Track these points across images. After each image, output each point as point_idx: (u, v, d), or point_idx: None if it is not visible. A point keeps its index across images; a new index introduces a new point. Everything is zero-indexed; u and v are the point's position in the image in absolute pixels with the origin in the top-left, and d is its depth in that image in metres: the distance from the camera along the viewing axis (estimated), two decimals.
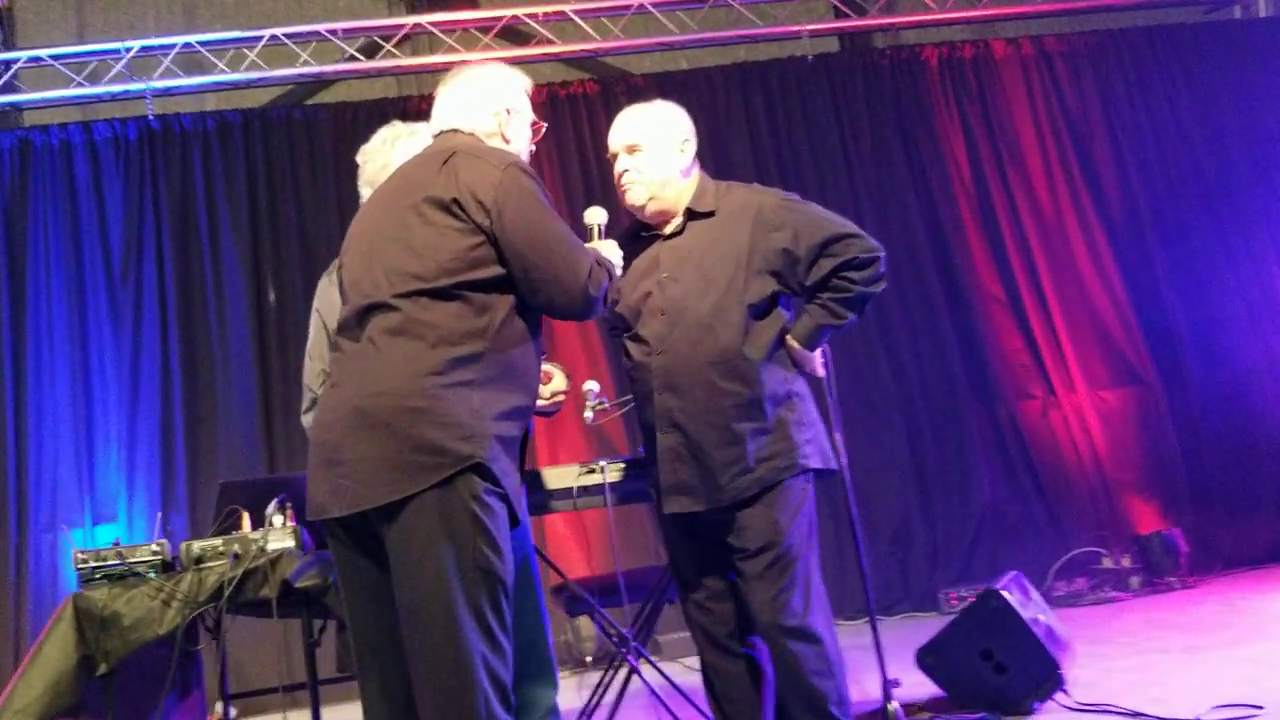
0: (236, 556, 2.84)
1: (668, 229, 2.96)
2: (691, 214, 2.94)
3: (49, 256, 6.35)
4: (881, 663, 3.51)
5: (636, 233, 3.05)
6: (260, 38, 6.69)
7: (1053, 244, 7.22)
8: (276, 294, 6.49)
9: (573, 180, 7.02)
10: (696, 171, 3.00)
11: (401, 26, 6.86)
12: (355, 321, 2.28)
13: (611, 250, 2.68)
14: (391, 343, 2.23)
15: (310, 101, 7.08)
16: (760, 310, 2.85)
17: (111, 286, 6.36)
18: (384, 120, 6.63)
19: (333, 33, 6.80)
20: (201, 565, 2.90)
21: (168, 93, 6.67)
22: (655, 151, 2.92)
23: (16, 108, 6.64)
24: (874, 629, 3.59)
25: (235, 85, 6.74)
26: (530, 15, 6.99)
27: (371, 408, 2.17)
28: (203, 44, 6.66)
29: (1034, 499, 6.90)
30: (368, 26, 6.95)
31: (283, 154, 6.66)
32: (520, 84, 2.66)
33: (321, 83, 7.11)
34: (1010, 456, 6.99)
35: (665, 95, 6.89)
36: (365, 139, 6.37)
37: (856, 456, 6.63)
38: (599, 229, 2.78)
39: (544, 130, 2.71)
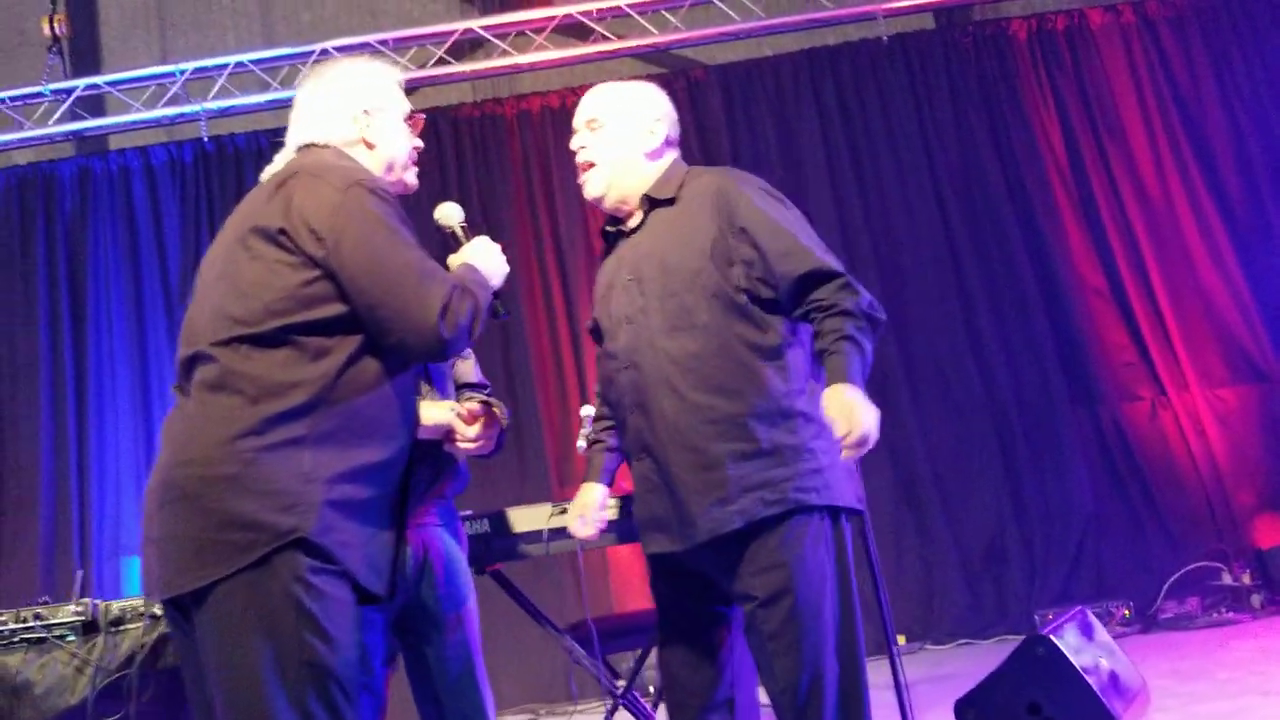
0: (153, 618, 2.64)
1: (631, 223, 2.58)
2: (652, 202, 2.53)
3: (109, 280, 6.40)
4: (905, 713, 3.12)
5: (604, 231, 2.69)
6: (310, 53, 6.60)
7: (1160, 229, 6.58)
8: None
9: None
10: (671, 160, 2.60)
11: (451, 33, 6.68)
12: (181, 374, 2.01)
13: (482, 253, 2.28)
14: (209, 400, 1.93)
15: None
16: (738, 306, 2.41)
17: (170, 309, 6.37)
18: (451, 128, 6.64)
19: (383, 43, 6.66)
20: (119, 628, 2.70)
21: (222, 113, 6.63)
22: (618, 128, 2.53)
23: (78, 135, 6.68)
24: (895, 674, 3.19)
25: (288, 103, 6.64)
26: (584, 13, 6.71)
27: (180, 478, 1.90)
28: (254, 63, 6.60)
29: (1142, 510, 6.30)
30: (419, 35, 6.79)
31: None
32: (382, 76, 2.30)
33: None
34: (1114, 463, 6.39)
35: (729, 86, 6.80)
36: (429, 149, 6.30)
37: (942, 466, 6.35)
38: (461, 230, 2.39)
39: (424, 121, 2.36)
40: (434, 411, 2.47)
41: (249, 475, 1.85)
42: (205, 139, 6.48)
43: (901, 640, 6.15)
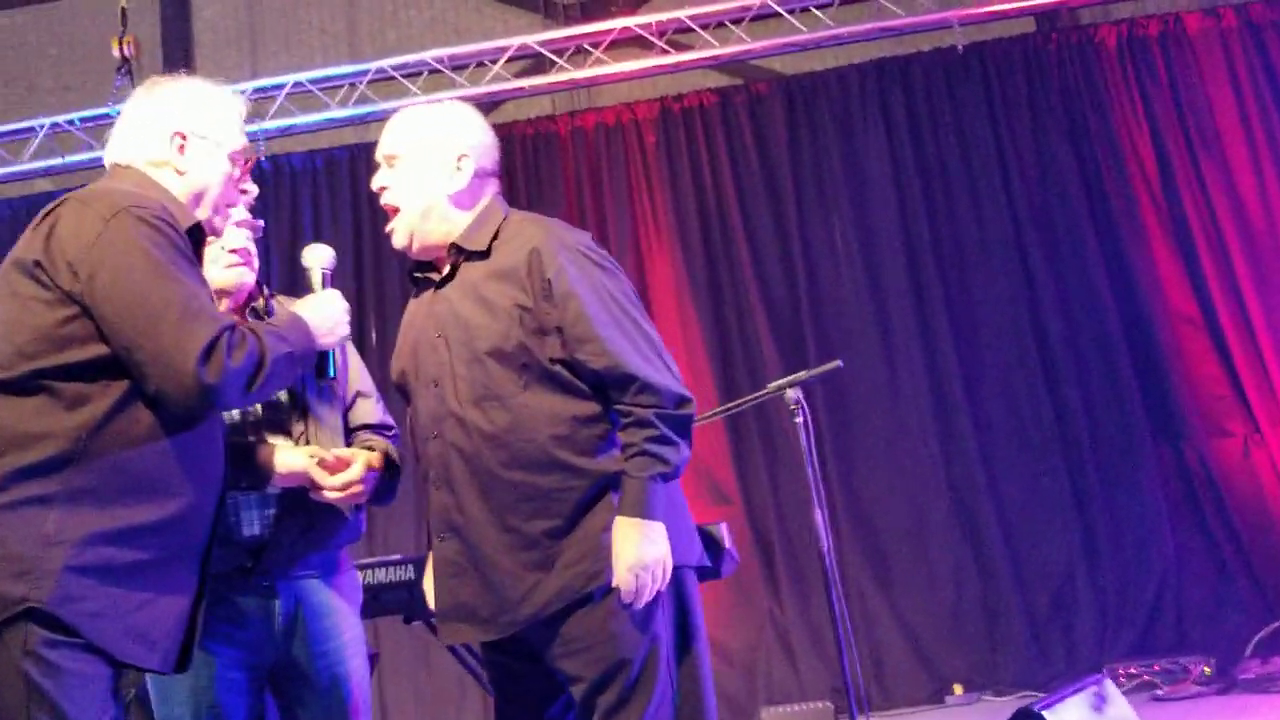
0: None
1: (442, 271, 2.35)
2: (459, 251, 2.30)
3: None
4: None
5: (411, 275, 2.45)
6: (366, 72, 6.60)
7: (1259, 252, 6.05)
8: (378, 334, 6.38)
9: (685, 202, 6.51)
10: (487, 200, 2.35)
11: (506, 49, 6.59)
12: None
13: (319, 306, 2.12)
14: None
15: None
16: (551, 376, 2.20)
17: None
18: (526, 144, 6.55)
19: (440, 61, 6.62)
20: None
21: (283, 133, 6.69)
22: (417, 166, 2.29)
23: None
24: None
25: (345, 123, 6.69)
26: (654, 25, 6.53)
27: None
28: (312, 82, 6.64)
29: (1229, 557, 5.79)
30: (476, 51, 6.71)
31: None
32: (213, 102, 2.11)
33: None
34: (1199, 505, 5.90)
35: (792, 99, 6.54)
36: (596, 167, 6.22)
37: (1007, 502, 5.96)
38: (323, 275, 2.25)
39: (253, 161, 2.19)
40: (289, 458, 2.30)
41: None
42: (263, 159, 6.53)
43: (958, 690, 5.80)
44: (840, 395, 6.15)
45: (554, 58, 6.60)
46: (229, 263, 2.40)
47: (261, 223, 2.50)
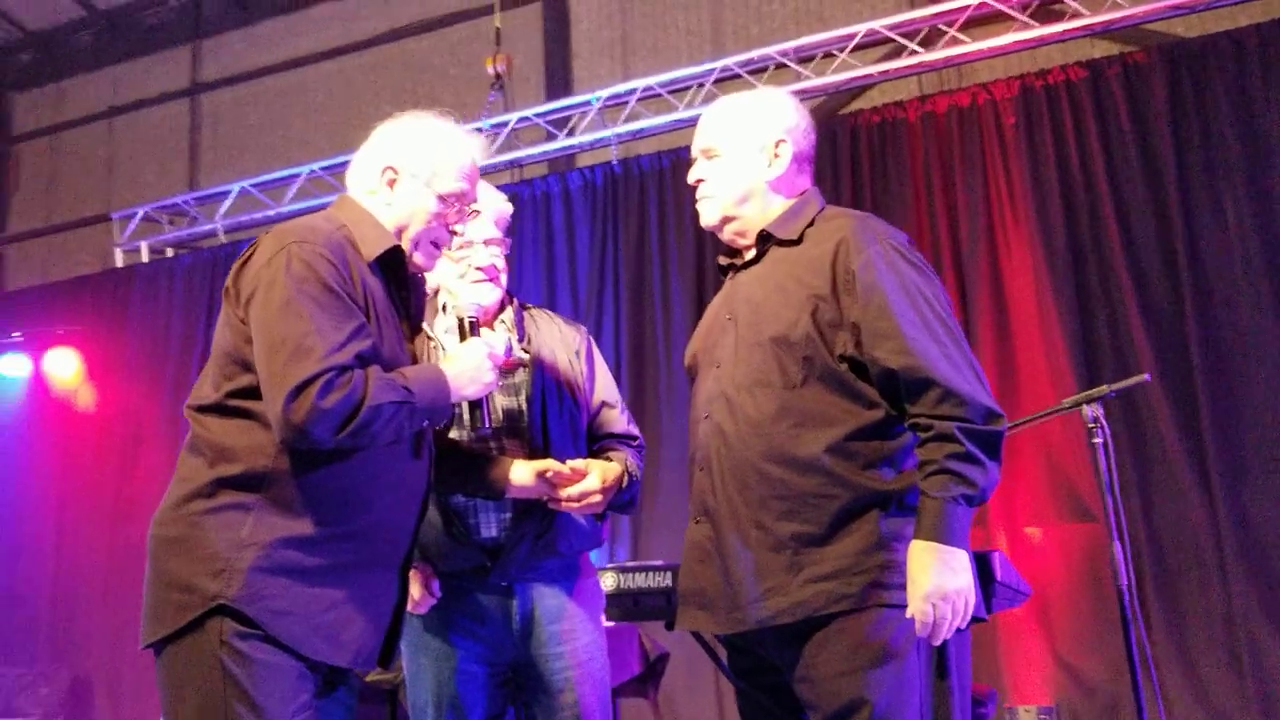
0: None
1: (746, 257, 2.28)
2: (767, 238, 2.23)
3: (531, 295, 6.88)
4: None
5: (718, 263, 2.41)
6: (712, 72, 6.63)
7: None
8: None
9: (1046, 186, 5.96)
10: (806, 190, 2.28)
11: (852, 36, 6.36)
12: None
13: (459, 359, 2.14)
14: (182, 460, 1.99)
15: None
16: (835, 375, 2.06)
17: (577, 318, 6.71)
18: (873, 132, 6.31)
19: (784, 54, 6.51)
20: None
21: (634, 136, 6.86)
22: (734, 156, 2.24)
23: (517, 164, 7.26)
24: None
25: (691, 123, 6.73)
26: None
27: (149, 537, 1.96)
28: (661, 85, 6.76)
29: None
30: (823, 41, 6.55)
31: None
32: (438, 143, 2.18)
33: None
34: None
35: (1176, 68, 5.78)
36: (948, 155, 6.02)
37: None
38: (468, 323, 2.28)
39: (466, 205, 2.20)
40: (521, 473, 2.35)
41: (191, 538, 1.88)
42: (614, 162, 6.73)
43: None
44: (1233, 402, 5.38)
45: (904, 41, 6.29)
46: (475, 279, 2.50)
47: (509, 240, 2.56)
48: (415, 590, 2.39)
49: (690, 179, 2.32)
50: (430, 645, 2.44)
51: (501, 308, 2.60)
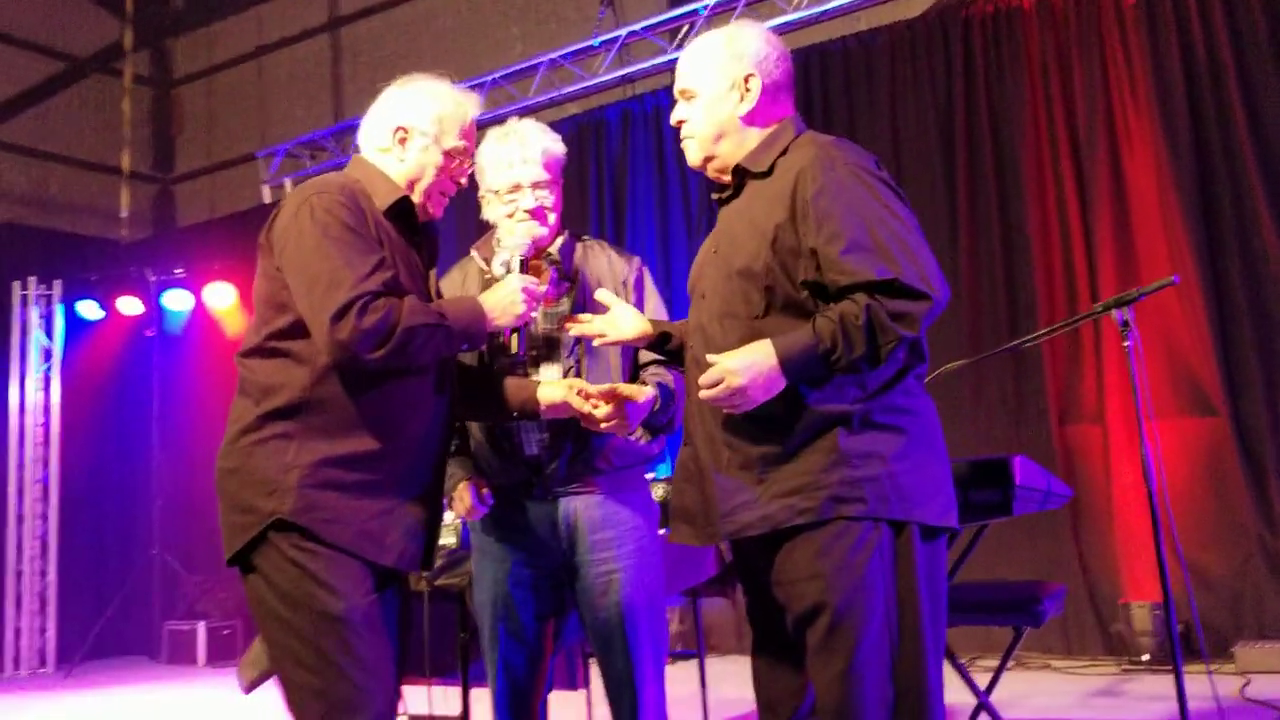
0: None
1: (728, 192, 2.35)
2: (743, 172, 2.29)
3: (643, 214, 7.01)
4: None
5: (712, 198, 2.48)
6: None
7: None
8: None
9: (1169, 74, 5.68)
10: (781, 120, 2.30)
11: None
12: None
13: (497, 291, 2.34)
14: (235, 402, 2.27)
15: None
16: (796, 303, 2.14)
17: (690, 237, 6.87)
18: (985, 24, 6.13)
19: None
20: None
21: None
22: (707, 96, 2.29)
23: (629, 80, 7.33)
24: None
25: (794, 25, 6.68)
26: None
27: (216, 471, 2.25)
28: None
29: None
30: None
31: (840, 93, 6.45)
32: (443, 103, 2.37)
33: None
34: None
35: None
36: (1065, 42, 5.91)
37: None
38: (510, 261, 2.48)
39: (469, 170, 2.43)
40: (550, 391, 2.51)
41: (245, 467, 2.18)
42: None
43: None
44: None
45: None
46: (521, 218, 2.71)
47: (557, 184, 2.76)
48: (467, 500, 2.65)
49: (672, 121, 2.40)
50: (489, 550, 2.72)
51: (551, 240, 2.75)
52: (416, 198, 2.37)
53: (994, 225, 6.10)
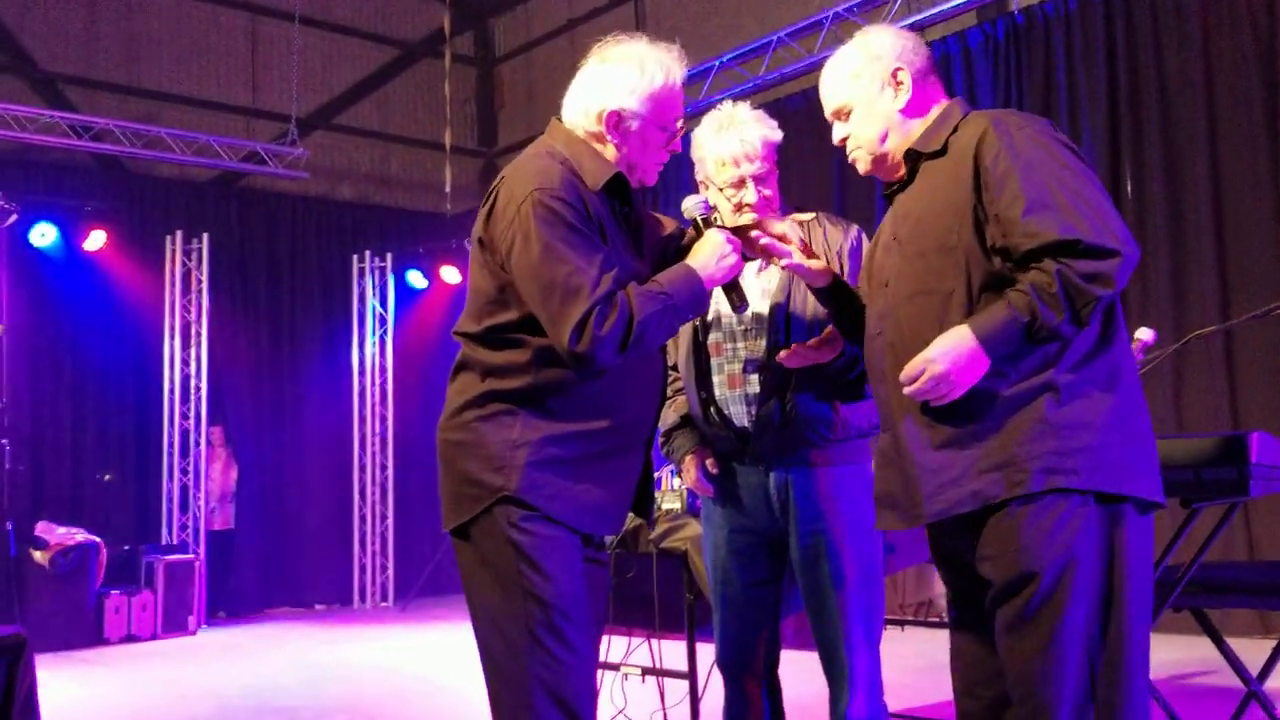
0: None
1: (901, 175, 2.29)
2: (916, 156, 2.24)
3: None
4: None
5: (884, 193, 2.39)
6: None
7: None
8: (1133, 185, 5.91)
9: None
10: (944, 102, 2.26)
11: None
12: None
13: (702, 250, 2.26)
14: (457, 376, 2.31)
15: None
16: (991, 272, 2.07)
17: None
18: None
19: None
20: None
21: None
22: (863, 106, 2.27)
23: (919, 26, 7.03)
24: None
25: None
26: None
27: (439, 442, 2.30)
28: None
29: None
30: None
31: (1145, 35, 5.94)
32: (653, 80, 2.26)
33: None
34: None
35: None
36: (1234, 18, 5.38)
37: None
38: (700, 222, 2.34)
39: (682, 129, 2.31)
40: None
41: (472, 441, 2.23)
42: (1016, 11, 6.35)
43: None
44: None
45: None
46: (745, 212, 2.67)
47: (775, 170, 2.71)
48: (693, 472, 2.73)
49: (835, 140, 2.35)
50: (713, 516, 2.79)
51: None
52: (636, 179, 2.34)
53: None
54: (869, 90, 2.25)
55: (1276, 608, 2.95)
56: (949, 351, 2.00)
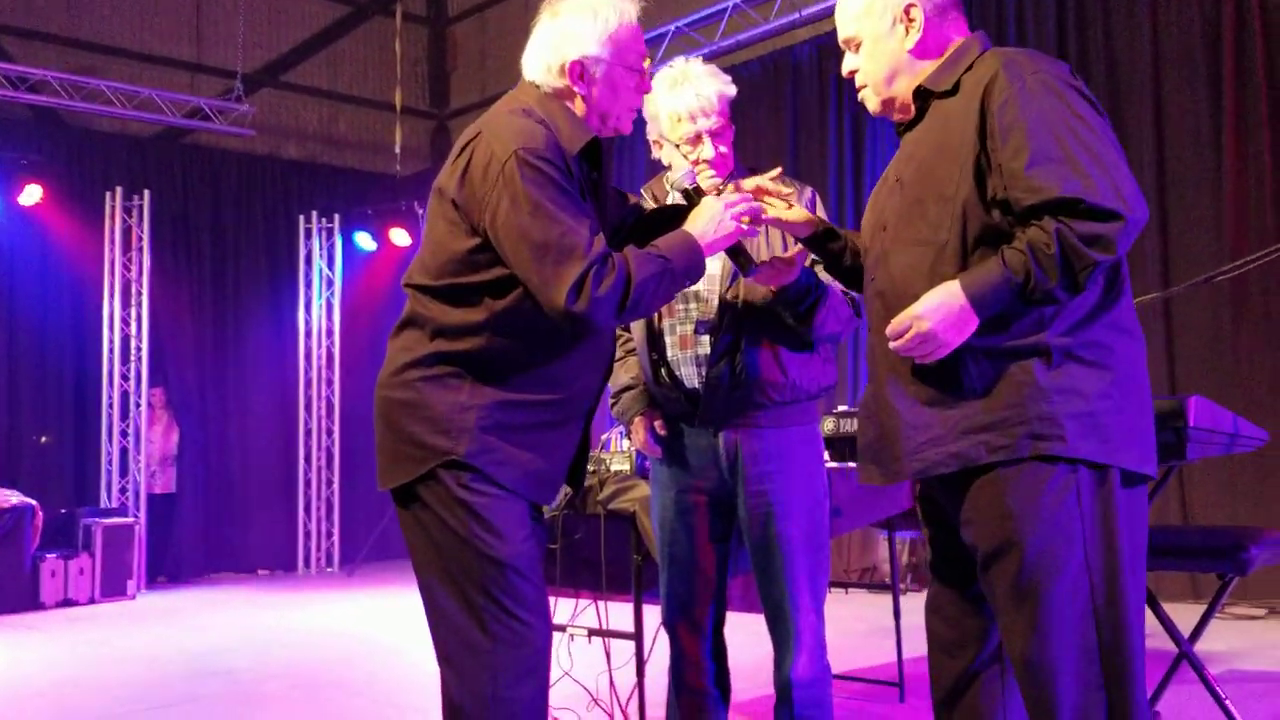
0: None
1: (911, 117, 2.18)
2: (926, 94, 2.12)
3: (884, 135, 6.76)
4: None
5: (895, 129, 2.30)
6: None
7: None
8: None
9: None
10: (958, 40, 2.13)
11: None
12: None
13: (699, 216, 2.20)
14: (401, 332, 2.23)
15: None
16: (990, 225, 1.98)
17: None
18: None
19: None
20: None
21: None
22: (872, 40, 2.16)
23: None
24: None
25: None
26: None
27: (378, 399, 2.23)
28: None
29: None
30: None
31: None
32: (611, 23, 2.21)
33: None
34: None
35: None
36: None
37: None
38: (684, 192, 2.33)
39: (649, 67, 2.24)
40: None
41: (417, 401, 2.15)
42: None
43: None
44: None
45: None
46: (703, 169, 2.64)
47: (731, 127, 2.70)
48: (642, 434, 2.71)
49: (843, 72, 2.25)
50: (661, 476, 2.76)
51: (726, 175, 2.70)
52: (605, 129, 2.28)
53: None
54: (879, 26, 2.14)
55: (1208, 570, 2.97)
56: (937, 309, 1.92)
